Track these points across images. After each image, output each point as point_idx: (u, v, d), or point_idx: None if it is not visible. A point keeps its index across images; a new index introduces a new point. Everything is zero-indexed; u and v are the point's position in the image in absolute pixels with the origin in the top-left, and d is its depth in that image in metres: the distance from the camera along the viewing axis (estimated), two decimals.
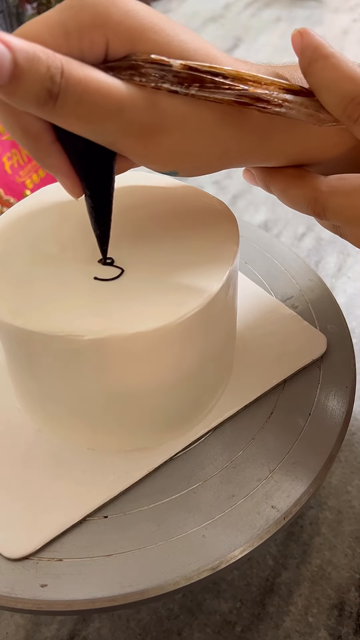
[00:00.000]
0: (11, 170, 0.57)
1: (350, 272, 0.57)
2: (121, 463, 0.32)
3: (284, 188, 0.30)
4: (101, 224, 0.28)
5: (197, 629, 0.34)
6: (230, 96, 0.25)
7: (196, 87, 0.25)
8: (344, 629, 0.34)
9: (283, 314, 0.40)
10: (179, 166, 0.27)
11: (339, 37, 1.02)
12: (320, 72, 0.26)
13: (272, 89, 0.26)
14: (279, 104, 0.26)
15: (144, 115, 0.24)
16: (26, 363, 0.30)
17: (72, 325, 0.27)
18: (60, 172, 0.26)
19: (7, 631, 0.34)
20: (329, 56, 0.26)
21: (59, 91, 0.22)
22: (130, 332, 0.27)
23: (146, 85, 0.24)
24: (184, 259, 0.30)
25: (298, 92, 0.27)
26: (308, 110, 0.27)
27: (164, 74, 0.24)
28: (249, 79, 0.26)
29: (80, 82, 0.22)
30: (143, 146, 0.25)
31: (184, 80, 0.24)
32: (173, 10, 1.16)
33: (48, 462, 0.32)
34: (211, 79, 0.25)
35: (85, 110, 0.23)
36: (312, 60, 0.27)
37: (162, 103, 0.25)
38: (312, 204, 0.29)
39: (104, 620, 0.35)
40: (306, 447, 0.33)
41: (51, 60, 0.22)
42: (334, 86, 0.26)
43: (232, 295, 0.33)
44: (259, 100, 0.26)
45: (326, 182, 0.29)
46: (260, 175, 0.32)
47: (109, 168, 0.27)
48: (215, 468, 0.32)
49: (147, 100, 0.24)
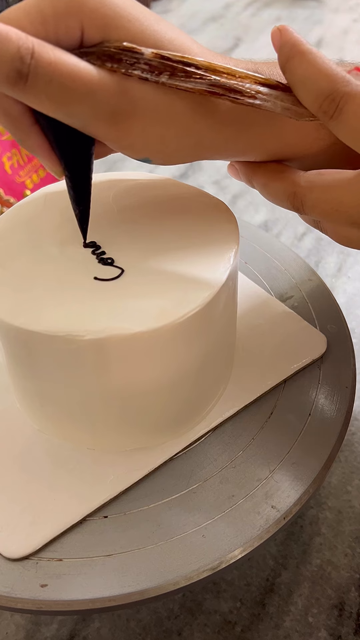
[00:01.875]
0: (11, 170, 0.57)
1: (350, 272, 0.57)
2: (121, 463, 0.32)
3: (265, 182, 0.31)
4: (79, 203, 0.29)
5: (197, 629, 0.34)
6: (201, 85, 0.26)
7: (167, 75, 0.25)
8: (344, 629, 0.34)
9: (283, 314, 0.40)
10: (151, 153, 0.28)
11: (339, 37, 1.02)
12: (297, 68, 0.27)
13: (247, 81, 0.27)
14: (253, 95, 0.27)
15: (114, 99, 0.25)
16: (26, 363, 0.30)
17: (72, 325, 0.27)
18: (40, 152, 0.27)
19: (7, 631, 0.34)
20: (306, 53, 0.27)
21: (29, 72, 0.23)
22: (130, 332, 0.27)
23: (117, 71, 0.25)
24: (184, 259, 0.30)
25: (274, 86, 0.27)
26: (284, 104, 0.27)
27: (135, 61, 0.25)
28: (222, 71, 0.26)
29: (51, 64, 0.23)
30: (115, 130, 0.26)
31: (155, 69, 0.25)
32: (173, 10, 1.16)
33: (48, 462, 0.32)
34: (182, 68, 0.25)
35: (55, 92, 0.24)
36: (289, 57, 0.27)
37: (132, 89, 0.25)
38: (292, 199, 0.29)
39: (104, 620, 0.35)
40: (306, 447, 0.33)
41: (22, 42, 0.23)
42: (310, 82, 0.27)
43: (232, 295, 0.33)
44: (232, 91, 0.26)
45: (305, 177, 0.29)
46: (243, 169, 0.32)
47: (86, 150, 0.27)
48: (215, 468, 0.32)
49: (118, 86, 0.25)
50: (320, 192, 0.28)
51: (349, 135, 0.27)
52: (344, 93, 0.26)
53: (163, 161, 0.29)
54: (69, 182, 0.28)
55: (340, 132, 0.27)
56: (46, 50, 0.23)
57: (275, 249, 0.45)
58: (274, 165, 0.31)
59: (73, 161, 0.27)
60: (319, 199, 0.28)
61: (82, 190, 0.29)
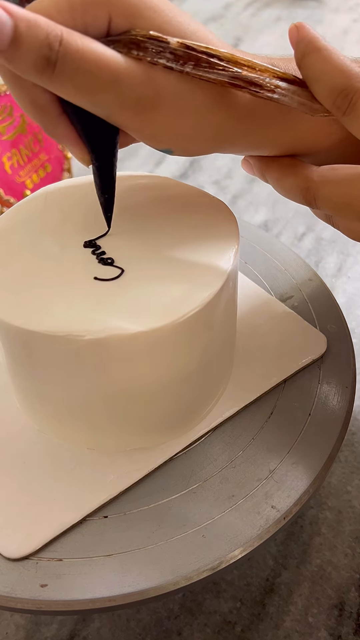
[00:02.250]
0: (11, 170, 0.57)
1: (350, 272, 0.57)
2: (121, 463, 0.32)
3: (278, 177, 0.31)
4: (105, 191, 0.30)
5: (197, 629, 0.34)
6: (223, 77, 0.26)
7: (191, 65, 0.26)
8: (344, 629, 0.34)
9: (283, 314, 0.40)
10: (173, 143, 0.28)
11: (339, 37, 1.02)
12: (313, 64, 0.27)
13: (266, 75, 0.27)
14: (272, 89, 0.27)
15: (140, 88, 0.25)
16: (26, 363, 0.30)
17: (72, 325, 0.27)
18: (67, 141, 0.28)
19: (7, 631, 0.34)
20: (322, 49, 0.27)
21: (57, 59, 0.23)
22: (130, 332, 0.27)
23: (143, 59, 0.25)
24: (184, 259, 0.30)
25: (292, 81, 0.28)
26: (301, 99, 0.28)
27: (161, 50, 0.25)
28: (243, 63, 0.27)
29: (79, 51, 0.23)
30: (139, 120, 0.26)
31: (180, 58, 0.25)
32: None
33: (48, 462, 0.32)
34: (206, 59, 0.26)
35: (83, 80, 0.24)
36: (305, 53, 0.27)
37: (157, 78, 0.26)
38: (304, 193, 0.30)
39: (104, 620, 0.35)
40: (306, 447, 0.33)
41: (51, 29, 0.23)
42: (325, 78, 0.27)
43: (232, 295, 0.33)
44: (252, 84, 0.27)
45: (318, 172, 0.29)
46: (257, 164, 0.33)
47: (111, 139, 0.28)
48: (215, 468, 0.32)
49: (143, 74, 0.25)
50: (332, 186, 0.29)
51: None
52: (357, 89, 0.26)
53: (184, 151, 0.29)
54: (95, 170, 0.29)
55: (353, 127, 0.27)
56: (74, 38, 0.23)
57: (275, 249, 0.45)
58: (287, 160, 0.31)
59: (99, 150, 0.28)
60: (331, 193, 0.29)
61: (108, 179, 0.29)
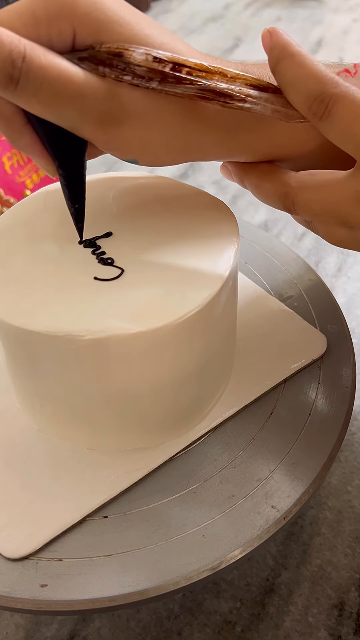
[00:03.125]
0: (11, 170, 0.57)
1: (350, 272, 0.57)
2: (121, 463, 0.32)
3: (256, 183, 0.31)
4: (74, 201, 0.29)
5: (197, 629, 0.34)
6: (191, 91, 0.26)
7: (157, 80, 0.25)
8: (344, 629, 0.34)
9: (283, 314, 0.40)
10: (138, 156, 0.28)
11: (339, 37, 1.02)
12: (287, 70, 0.27)
13: (239, 83, 0.27)
14: (243, 99, 0.27)
15: (103, 105, 0.25)
16: (26, 363, 0.30)
17: (72, 325, 0.27)
18: (32, 152, 0.28)
19: (7, 631, 0.34)
20: (296, 55, 0.27)
21: (20, 75, 0.23)
22: (130, 332, 0.27)
23: (108, 76, 0.25)
24: (184, 259, 0.30)
25: (265, 88, 0.28)
26: (274, 106, 0.28)
27: (126, 67, 0.25)
28: (214, 72, 0.26)
29: (42, 68, 0.23)
30: (102, 133, 0.26)
31: (145, 74, 0.25)
32: (173, 10, 1.16)
33: (48, 462, 0.32)
34: (172, 74, 0.25)
35: (45, 95, 0.24)
36: (279, 59, 0.27)
37: (122, 95, 0.25)
38: (283, 199, 0.30)
39: (104, 620, 0.35)
40: (306, 447, 0.33)
41: (14, 45, 0.23)
42: (300, 84, 0.27)
43: (232, 295, 0.33)
44: (222, 95, 0.26)
45: (296, 178, 0.29)
46: (235, 170, 0.32)
47: (78, 149, 0.28)
48: (215, 468, 0.32)
49: (107, 92, 0.25)
50: (310, 192, 0.29)
51: (338, 136, 0.27)
52: (332, 94, 0.26)
53: (150, 163, 0.29)
54: (63, 180, 0.29)
55: (329, 133, 0.27)
56: (38, 54, 0.23)
57: (275, 249, 0.45)
58: (265, 166, 0.31)
59: (66, 160, 0.28)
60: (309, 199, 0.29)
61: (77, 189, 0.29)
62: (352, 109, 0.26)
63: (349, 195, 0.27)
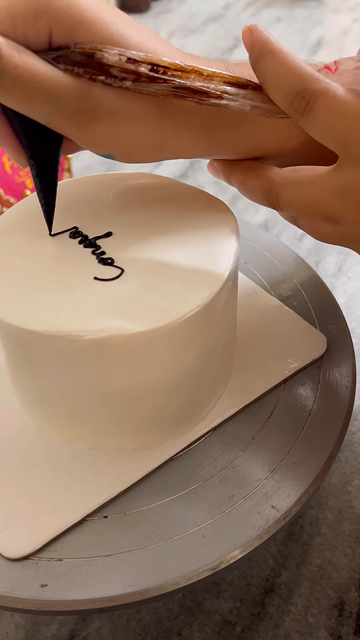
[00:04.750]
0: (11, 170, 0.57)
1: (350, 272, 0.57)
2: (121, 463, 0.32)
3: (242, 180, 0.31)
4: (46, 193, 0.30)
5: (197, 629, 0.34)
6: (166, 89, 0.26)
7: (131, 80, 0.26)
8: (344, 629, 0.34)
9: (283, 314, 0.40)
10: (113, 151, 0.29)
11: (339, 37, 1.02)
12: (268, 67, 0.27)
13: (216, 81, 0.27)
14: (219, 95, 0.27)
15: (76, 103, 0.26)
16: (26, 363, 0.30)
17: (72, 325, 0.27)
18: (5, 142, 0.28)
19: (7, 631, 0.34)
20: (276, 52, 0.27)
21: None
22: (130, 332, 0.27)
23: (82, 76, 0.25)
24: (184, 259, 0.30)
25: (245, 85, 0.28)
26: (254, 102, 0.28)
27: (99, 67, 0.25)
28: (189, 70, 0.26)
29: (16, 67, 0.24)
30: (76, 130, 0.27)
31: (119, 74, 0.25)
32: (173, 10, 1.16)
33: (48, 462, 0.32)
34: (146, 74, 0.26)
35: (19, 93, 0.25)
36: (260, 56, 0.27)
37: (95, 94, 0.26)
38: (267, 195, 0.30)
39: (104, 620, 0.35)
40: (306, 447, 0.33)
41: None
42: (281, 81, 0.27)
43: (232, 295, 0.33)
44: (197, 93, 0.27)
45: (280, 174, 0.29)
46: (221, 167, 0.33)
47: (53, 143, 0.28)
48: (215, 468, 0.32)
49: (81, 90, 0.26)
50: (294, 188, 0.29)
51: (319, 131, 0.27)
52: (313, 91, 0.26)
53: (126, 159, 0.29)
54: (34, 172, 0.29)
55: (310, 129, 0.27)
56: (12, 54, 0.24)
57: (275, 249, 0.45)
58: (250, 163, 0.31)
59: (39, 152, 0.28)
60: (293, 195, 0.29)
61: (48, 182, 0.29)
62: (332, 104, 0.26)
63: (331, 190, 0.27)
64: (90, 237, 0.31)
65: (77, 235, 0.31)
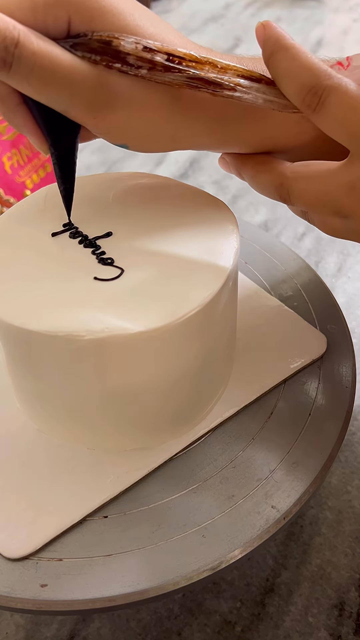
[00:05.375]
0: (11, 170, 0.57)
1: (350, 272, 0.57)
2: (121, 463, 0.32)
3: (253, 174, 0.31)
4: (65, 181, 0.30)
5: (197, 629, 0.34)
6: (180, 79, 0.26)
7: (146, 68, 0.26)
8: (344, 629, 0.34)
9: (283, 314, 0.40)
10: (128, 140, 0.29)
11: (339, 37, 1.02)
12: (281, 62, 0.27)
13: (230, 74, 0.27)
14: (232, 87, 0.27)
15: (92, 91, 0.26)
16: (26, 363, 0.30)
17: (72, 325, 0.27)
18: (26, 130, 0.29)
19: (7, 631, 0.34)
20: (289, 47, 0.27)
21: (12, 60, 0.24)
22: (130, 332, 0.27)
23: (99, 63, 0.26)
24: (184, 258, 0.30)
25: (258, 79, 0.28)
26: (266, 96, 0.28)
27: (115, 54, 0.25)
28: (203, 62, 0.27)
29: (34, 54, 0.24)
30: (92, 117, 0.27)
31: (135, 62, 0.26)
32: (173, 10, 1.16)
33: (48, 462, 0.32)
34: (161, 62, 0.26)
35: (37, 80, 0.25)
36: (273, 51, 0.28)
37: (111, 82, 0.26)
38: (279, 189, 0.30)
39: (104, 620, 0.35)
40: (306, 447, 0.33)
41: (8, 31, 0.24)
42: (293, 76, 0.27)
43: (232, 295, 0.33)
44: (211, 84, 0.27)
45: (291, 168, 0.30)
46: (233, 161, 0.33)
47: (71, 130, 0.29)
48: (215, 468, 0.32)
49: (97, 78, 0.26)
50: (305, 182, 0.29)
51: (331, 127, 0.27)
52: (326, 86, 0.26)
53: (139, 148, 0.30)
54: (54, 159, 0.29)
55: (322, 124, 0.27)
56: (30, 41, 0.24)
57: (275, 249, 0.45)
58: (262, 157, 0.31)
59: (58, 140, 0.29)
60: (304, 189, 0.29)
61: (67, 169, 0.30)
62: (345, 100, 0.26)
63: (342, 185, 0.28)
64: (90, 237, 0.31)
65: (77, 235, 0.31)
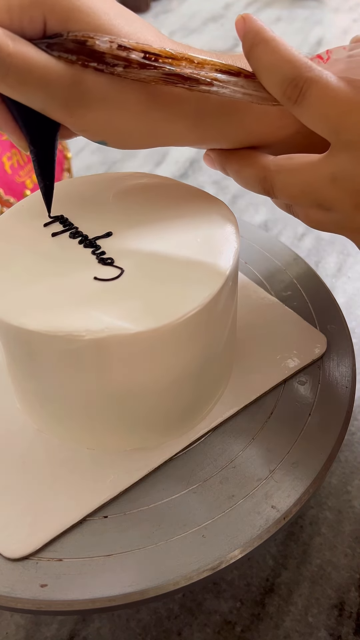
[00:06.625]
0: (11, 170, 0.57)
1: (350, 272, 0.57)
2: (121, 463, 0.32)
3: (237, 169, 0.32)
4: (44, 178, 0.30)
5: (197, 629, 0.34)
6: (156, 75, 0.27)
7: (122, 66, 0.26)
8: (344, 629, 0.34)
9: (283, 314, 0.40)
10: (106, 138, 0.29)
11: (339, 37, 1.02)
12: (261, 55, 0.27)
13: (207, 68, 0.27)
14: (209, 82, 0.27)
15: (68, 90, 0.26)
16: (26, 363, 0.30)
17: (72, 325, 0.27)
18: (5, 128, 0.29)
19: (7, 631, 0.34)
20: (270, 40, 0.27)
21: None
22: (130, 332, 0.27)
23: (75, 63, 0.26)
24: (184, 258, 0.30)
25: (237, 73, 0.28)
26: (245, 90, 0.28)
27: (92, 53, 0.26)
28: (179, 58, 0.27)
29: (10, 55, 0.25)
30: (69, 116, 0.27)
31: (111, 60, 0.26)
32: (173, 10, 1.16)
33: (48, 462, 0.32)
34: (136, 60, 0.26)
35: (13, 81, 0.25)
36: (253, 44, 0.27)
37: (87, 80, 0.26)
38: (262, 183, 0.30)
39: (104, 620, 0.35)
40: (306, 447, 0.33)
41: None
42: (274, 68, 0.27)
43: (232, 295, 0.33)
44: (187, 79, 0.27)
45: (274, 162, 0.30)
46: (217, 157, 0.33)
47: (50, 129, 0.29)
48: (215, 468, 0.32)
49: (73, 77, 0.26)
50: (288, 175, 0.29)
51: (312, 119, 0.27)
52: (306, 78, 0.26)
53: (118, 145, 0.30)
54: (34, 157, 0.30)
55: (303, 116, 0.27)
56: (6, 42, 0.25)
57: (275, 249, 0.45)
58: (245, 152, 0.31)
59: (37, 138, 0.29)
60: (287, 182, 0.29)
61: (47, 166, 0.30)
62: (325, 92, 0.26)
63: (324, 177, 0.28)
64: (90, 237, 0.31)
65: (77, 235, 0.31)
